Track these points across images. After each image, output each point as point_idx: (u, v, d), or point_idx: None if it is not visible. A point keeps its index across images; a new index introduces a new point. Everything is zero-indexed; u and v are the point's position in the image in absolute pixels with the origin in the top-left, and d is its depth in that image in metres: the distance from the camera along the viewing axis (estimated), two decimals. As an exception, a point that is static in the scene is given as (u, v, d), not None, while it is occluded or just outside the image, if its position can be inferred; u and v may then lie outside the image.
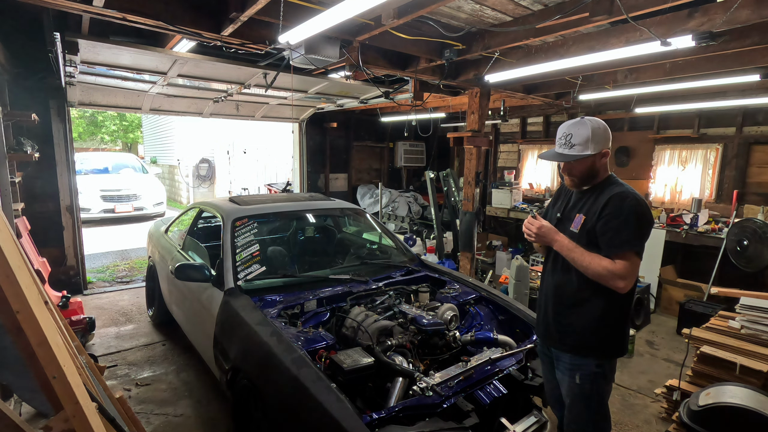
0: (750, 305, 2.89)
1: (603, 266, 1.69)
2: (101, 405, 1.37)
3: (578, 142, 1.77)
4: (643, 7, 2.60)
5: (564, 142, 1.80)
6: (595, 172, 1.83)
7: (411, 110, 6.79)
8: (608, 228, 1.71)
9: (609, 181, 1.85)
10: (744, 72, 4.02)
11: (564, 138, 1.81)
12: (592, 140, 1.75)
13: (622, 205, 1.72)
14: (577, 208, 1.86)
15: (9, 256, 1.06)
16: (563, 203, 1.99)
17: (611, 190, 1.79)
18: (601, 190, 1.82)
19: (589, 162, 1.80)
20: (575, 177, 1.85)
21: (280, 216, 3.65)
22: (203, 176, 13.19)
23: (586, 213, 1.80)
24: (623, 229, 1.69)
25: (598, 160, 1.80)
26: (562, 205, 1.98)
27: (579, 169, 1.82)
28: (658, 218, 5.48)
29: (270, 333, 2.17)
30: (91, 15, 2.90)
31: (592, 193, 1.85)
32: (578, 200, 1.90)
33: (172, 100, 6.73)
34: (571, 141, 1.78)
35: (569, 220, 1.87)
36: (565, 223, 1.89)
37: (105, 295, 5.24)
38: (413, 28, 3.40)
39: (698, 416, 2.23)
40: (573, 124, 1.80)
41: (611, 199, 1.75)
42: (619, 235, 1.70)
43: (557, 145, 1.84)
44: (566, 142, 1.79)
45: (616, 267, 1.68)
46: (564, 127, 1.83)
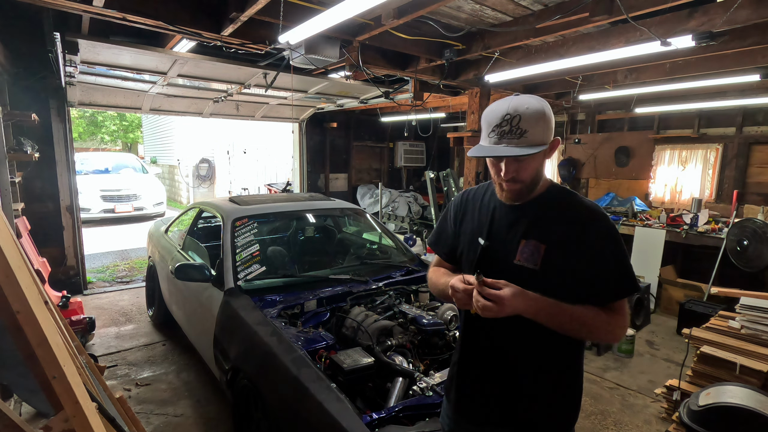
0: (750, 305, 2.88)
1: (609, 322, 1.17)
2: (101, 405, 1.37)
3: (531, 127, 1.13)
4: (643, 7, 2.61)
5: (509, 130, 1.14)
6: (542, 174, 1.26)
7: (411, 110, 6.79)
8: (602, 264, 1.18)
9: (556, 188, 1.29)
10: (744, 72, 4.02)
11: (508, 123, 1.14)
12: (548, 124, 1.16)
13: (606, 229, 1.20)
14: (519, 231, 1.24)
15: (9, 256, 1.06)
16: (481, 221, 1.34)
17: (572, 202, 1.26)
18: (551, 202, 1.26)
19: (541, 158, 1.21)
20: (523, 183, 1.21)
21: (280, 216, 3.64)
22: (203, 176, 13.19)
23: (545, 239, 1.21)
24: (625, 264, 1.20)
25: (548, 153, 1.22)
26: (480, 225, 1.34)
27: (530, 171, 1.20)
28: (659, 218, 5.49)
29: (270, 333, 2.17)
30: (91, 15, 2.91)
31: (537, 208, 1.25)
32: (515, 218, 1.27)
33: (172, 100, 6.73)
34: (521, 126, 1.13)
35: (506, 249, 1.26)
36: (499, 253, 1.27)
37: (105, 295, 5.23)
38: (413, 28, 3.40)
39: (698, 416, 2.23)
40: (517, 101, 1.15)
41: (591, 218, 1.21)
42: (622, 272, 1.19)
43: (495, 135, 1.17)
44: (513, 129, 1.14)
45: (623, 318, 1.20)
46: (503, 106, 1.16)
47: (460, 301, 1.19)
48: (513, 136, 1.14)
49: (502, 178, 1.21)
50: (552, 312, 1.14)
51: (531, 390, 1.28)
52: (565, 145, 7.27)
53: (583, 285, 1.18)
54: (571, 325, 1.16)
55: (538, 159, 1.20)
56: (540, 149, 1.15)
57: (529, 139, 1.13)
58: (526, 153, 1.13)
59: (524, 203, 1.27)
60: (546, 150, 1.18)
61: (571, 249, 1.19)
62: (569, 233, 1.20)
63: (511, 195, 1.24)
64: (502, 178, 1.21)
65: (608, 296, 1.19)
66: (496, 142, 1.16)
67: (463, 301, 1.18)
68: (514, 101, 1.15)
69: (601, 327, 1.17)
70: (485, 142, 1.21)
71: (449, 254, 1.47)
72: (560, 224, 1.22)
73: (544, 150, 1.17)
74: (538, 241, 1.21)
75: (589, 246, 1.18)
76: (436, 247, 1.54)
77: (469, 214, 1.41)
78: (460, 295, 1.19)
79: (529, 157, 1.16)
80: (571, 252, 1.19)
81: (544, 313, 1.14)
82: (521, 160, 1.18)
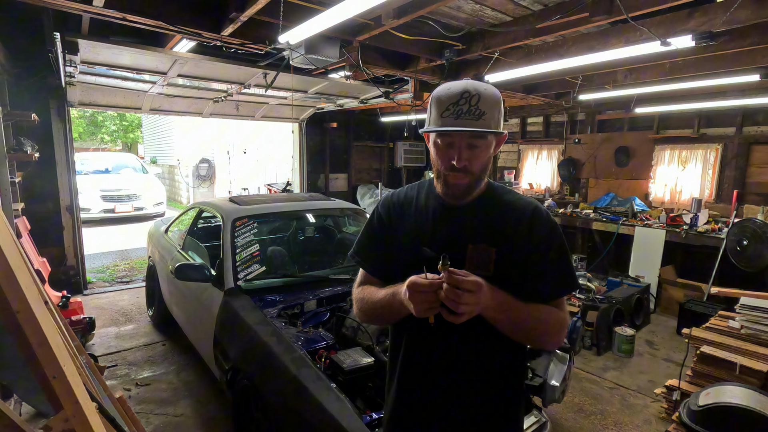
0: (750, 305, 2.88)
1: (559, 319, 1.13)
2: (101, 405, 1.37)
3: (489, 110, 1.05)
4: (643, 7, 2.61)
5: (467, 110, 1.04)
6: (488, 170, 1.17)
7: (411, 110, 6.79)
8: (548, 261, 1.14)
9: (493, 186, 1.22)
10: (744, 72, 4.02)
11: (467, 102, 1.04)
12: (501, 112, 1.11)
13: (551, 225, 1.16)
14: (465, 235, 1.15)
15: (9, 256, 1.06)
16: (420, 227, 1.21)
17: (513, 200, 1.20)
18: (492, 201, 1.18)
19: (491, 150, 1.13)
20: (473, 176, 1.12)
21: (280, 216, 3.65)
22: (203, 176, 13.19)
23: (494, 242, 1.12)
24: (566, 260, 1.17)
25: (495, 149, 1.15)
26: (419, 231, 1.20)
27: (482, 162, 1.11)
28: (658, 218, 5.49)
29: (270, 333, 2.18)
30: (91, 15, 2.91)
31: (480, 208, 1.17)
32: (458, 220, 1.17)
33: (172, 100, 6.72)
34: (480, 107, 1.04)
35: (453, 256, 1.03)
36: None
37: (105, 295, 5.23)
38: (413, 28, 3.40)
39: (698, 416, 2.23)
40: (474, 82, 1.08)
41: (534, 215, 1.16)
42: (566, 269, 1.16)
43: (451, 115, 1.06)
44: (471, 108, 1.04)
45: (566, 315, 1.17)
46: (460, 84, 1.07)
47: (423, 303, 0.99)
48: (471, 117, 1.04)
49: (450, 169, 1.09)
50: (513, 307, 1.07)
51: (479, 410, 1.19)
52: (565, 145, 7.27)
53: (530, 284, 1.13)
54: (530, 323, 1.10)
55: (489, 149, 1.12)
56: (498, 134, 1.09)
57: (488, 122, 1.05)
58: (488, 131, 1.06)
59: (466, 203, 1.18)
60: (498, 140, 1.13)
61: (520, 249, 1.13)
62: (517, 233, 1.14)
63: (458, 190, 1.13)
64: (450, 169, 1.09)
65: (553, 293, 1.15)
66: (452, 123, 1.05)
67: (426, 303, 0.99)
68: (470, 82, 1.08)
69: (554, 325, 1.12)
70: (437, 124, 1.08)
71: (378, 268, 1.27)
72: (506, 225, 1.15)
73: (497, 138, 1.12)
74: (487, 244, 1.12)
75: (537, 244, 1.14)
76: (361, 259, 1.30)
77: (403, 220, 1.24)
78: (422, 296, 0.99)
79: (483, 144, 1.08)
80: (520, 252, 1.13)
81: (507, 309, 1.06)
82: (476, 147, 1.08)
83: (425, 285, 0.99)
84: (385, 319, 1.24)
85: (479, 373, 1.18)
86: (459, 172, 1.10)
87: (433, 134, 1.12)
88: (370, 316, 1.25)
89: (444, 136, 1.09)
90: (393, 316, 1.17)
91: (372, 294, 1.21)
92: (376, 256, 1.28)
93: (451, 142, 1.09)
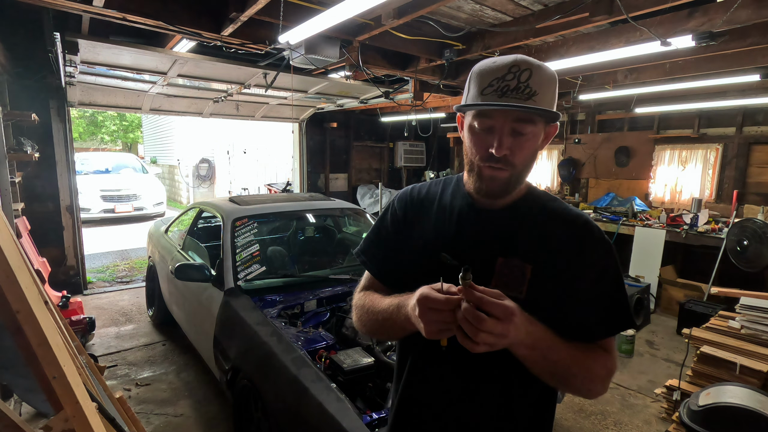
0: (750, 305, 2.88)
1: (607, 366, 0.90)
2: (101, 405, 1.37)
3: (542, 90, 0.84)
4: (643, 7, 2.61)
5: (515, 86, 0.84)
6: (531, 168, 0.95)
7: (411, 110, 6.79)
8: (599, 290, 0.91)
9: (535, 191, 1.01)
10: (744, 72, 4.02)
11: (515, 77, 0.84)
12: (555, 96, 0.90)
13: (606, 245, 0.94)
14: (496, 246, 0.94)
15: (9, 256, 1.06)
16: (441, 230, 1.01)
17: (559, 210, 0.98)
18: (533, 208, 0.97)
19: (538, 142, 0.91)
20: (514, 171, 0.90)
21: (280, 216, 3.65)
22: (203, 176, 13.19)
23: (530, 258, 0.91)
24: (622, 290, 0.94)
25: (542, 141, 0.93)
26: (440, 235, 1.00)
27: (526, 155, 0.90)
28: (659, 218, 5.49)
29: (270, 333, 2.17)
30: (91, 15, 2.91)
31: (517, 215, 0.96)
32: (489, 227, 0.96)
33: (172, 100, 6.72)
34: (531, 84, 0.84)
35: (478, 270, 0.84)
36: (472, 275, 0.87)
37: (105, 295, 5.23)
38: (413, 28, 3.40)
39: (698, 416, 2.23)
40: (524, 57, 0.86)
41: (585, 230, 0.94)
42: (620, 301, 0.93)
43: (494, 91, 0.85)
44: (520, 85, 0.84)
45: (615, 360, 0.93)
46: (508, 58, 0.86)
47: (435, 322, 0.79)
48: (519, 95, 0.83)
49: (487, 159, 0.88)
50: (551, 346, 0.83)
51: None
52: (565, 145, 7.27)
53: (573, 316, 0.90)
54: (570, 368, 0.86)
55: (537, 139, 0.90)
56: (550, 120, 0.89)
57: (538, 104, 0.84)
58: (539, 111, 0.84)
59: (500, 208, 0.96)
60: (548, 131, 0.92)
61: (564, 271, 0.91)
62: (562, 250, 0.92)
63: (494, 185, 0.91)
64: (487, 159, 0.88)
65: (601, 331, 0.92)
66: (498, 97, 0.85)
67: (439, 324, 0.78)
68: (521, 56, 0.87)
69: (600, 373, 0.89)
70: (476, 100, 0.87)
71: (387, 272, 1.08)
72: (549, 238, 0.93)
73: (548, 129, 0.91)
74: (521, 260, 0.91)
75: (587, 267, 0.91)
76: (367, 259, 1.11)
77: (421, 220, 1.04)
78: (436, 314, 0.78)
79: (531, 132, 0.87)
80: (563, 274, 0.91)
81: (543, 347, 0.82)
82: (521, 133, 0.87)
83: (440, 301, 0.77)
84: (386, 333, 1.03)
85: (498, 419, 0.94)
86: (498, 162, 0.88)
87: (468, 115, 0.91)
88: (369, 328, 1.04)
89: (483, 117, 0.88)
90: (396, 332, 0.97)
91: (374, 302, 1.02)
92: (385, 258, 1.09)
93: (491, 126, 0.87)
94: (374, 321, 1.01)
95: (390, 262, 1.08)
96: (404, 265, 1.05)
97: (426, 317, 0.79)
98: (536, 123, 0.87)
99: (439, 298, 0.78)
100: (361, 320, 1.06)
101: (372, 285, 1.11)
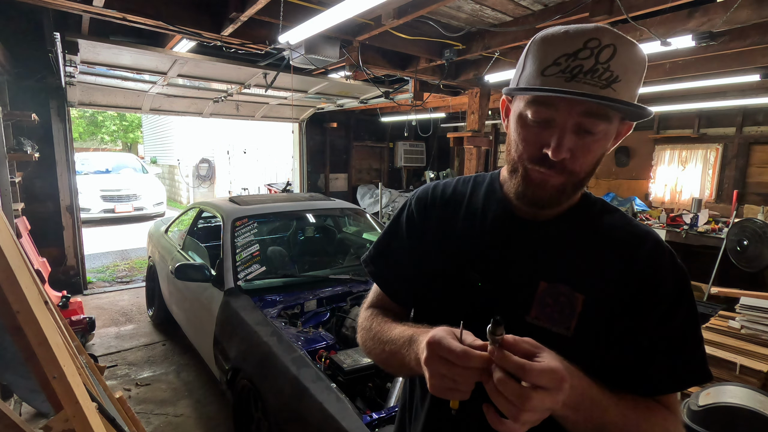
0: (750, 305, 2.89)
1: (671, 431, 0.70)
2: (101, 405, 1.37)
3: (626, 76, 0.64)
4: (643, 7, 2.61)
5: (592, 67, 0.62)
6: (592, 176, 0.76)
7: (411, 110, 6.79)
8: (670, 331, 0.71)
9: (591, 199, 0.84)
10: (744, 72, 4.02)
11: (592, 55, 0.62)
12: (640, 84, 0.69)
13: (681, 273, 0.73)
14: (539, 267, 0.76)
15: (9, 256, 1.06)
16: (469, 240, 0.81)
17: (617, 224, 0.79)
18: (589, 223, 0.79)
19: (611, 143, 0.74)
20: (574, 178, 0.71)
21: (280, 216, 3.65)
22: (203, 176, 13.20)
23: (582, 285, 0.73)
24: (698, 333, 0.73)
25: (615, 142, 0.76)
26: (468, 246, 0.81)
27: (592, 160, 0.71)
28: (659, 218, 5.49)
29: (270, 333, 2.17)
30: (91, 15, 2.91)
31: (568, 230, 0.77)
32: (525, 241, 0.78)
33: (172, 100, 6.73)
34: (613, 68, 0.63)
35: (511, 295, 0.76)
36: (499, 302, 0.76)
37: (105, 295, 5.23)
38: (413, 28, 3.40)
39: (698, 416, 2.23)
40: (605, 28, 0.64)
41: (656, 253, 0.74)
42: (695, 347, 0.73)
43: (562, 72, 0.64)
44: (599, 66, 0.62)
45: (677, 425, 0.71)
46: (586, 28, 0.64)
47: (445, 378, 0.59)
48: (596, 81, 0.62)
49: (539, 161, 0.68)
50: (597, 403, 0.63)
51: None
52: (565, 145, 7.28)
53: (630, 363, 0.71)
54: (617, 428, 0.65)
55: (608, 140, 0.71)
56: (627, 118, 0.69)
57: (619, 95, 0.64)
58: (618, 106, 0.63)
59: (546, 220, 0.77)
60: (621, 130, 0.73)
61: (626, 303, 0.71)
62: (623, 278, 0.72)
63: (543, 194, 0.71)
64: (539, 161, 0.68)
65: (667, 383, 0.70)
66: (561, 86, 0.63)
67: (450, 381, 0.59)
68: (602, 25, 0.65)
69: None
70: (534, 81, 0.66)
71: (399, 289, 0.89)
72: (608, 261, 0.73)
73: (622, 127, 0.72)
74: (570, 287, 0.72)
75: (655, 301, 0.70)
76: (376, 270, 0.92)
77: (445, 227, 0.84)
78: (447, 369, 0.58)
79: (603, 131, 0.67)
80: (623, 310, 0.71)
81: (587, 405, 0.62)
82: (590, 133, 0.66)
83: (456, 354, 0.57)
84: (393, 368, 0.82)
85: None
86: (553, 168, 0.68)
87: (519, 101, 0.70)
88: (376, 358, 0.85)
89: (540, 105, 0.66)
90: (404, 371, 0.77)
91: (383, 328, 0.83)
92: (397, 270, 0.89)
93: (550, 118, 0.66)
94: (381, 351, 0.82)
95: (403, 276, 0.87)
96: (421, 282, 0.84)
97: (433, 367, 0.59)
98: (611, 119, 0.67)
99: (456, 349, 0.57)
100: (366, 346, 0.87)
101: (382, 302, 0.92)
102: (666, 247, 0.75)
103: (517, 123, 0.71)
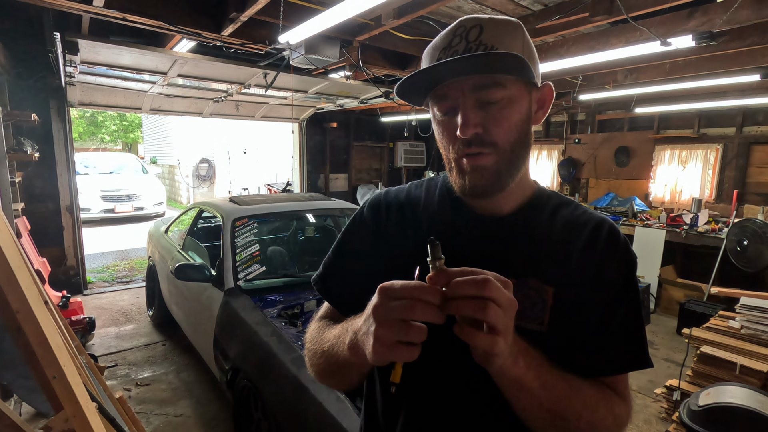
0: (750, 305, 2.89)
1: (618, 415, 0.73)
2: (101, 405, 1.37)
3: (502, 42, 0.67)
4: (643, 7, 2.61)
5: (465, 48, 0.67)
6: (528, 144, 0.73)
7: (411, 110, 6.79)
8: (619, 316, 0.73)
9: (545, 193, 0.83)
10: (744, 72, 4.02)
11: (462, 39, 0.68)
12: (529, 47, 0.71)
13: (632, 261, 0.75)
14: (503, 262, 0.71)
15: (9, 256, 1.06)
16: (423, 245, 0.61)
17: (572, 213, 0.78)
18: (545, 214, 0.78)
19: (525, 107, 0.70)
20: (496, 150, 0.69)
21: (280, 216, 3.65)
22: (203, 176, 13.20)
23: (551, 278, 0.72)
24: (641, 319, 0.75)
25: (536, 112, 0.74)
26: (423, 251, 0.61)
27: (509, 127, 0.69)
28: (659, 218, 5.49)
29: (270, 333, 2.17)
30: (91, 15, 2.91)
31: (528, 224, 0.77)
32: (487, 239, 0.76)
33: (172, 100, 6.73)
34: (485, 40, 0.66)
35: None
36: None
37: (105, 295, 5.23)
38: (413, 28, 3.40)
39: (698, 416, 2.23)
40: (467, 17, 0.70)
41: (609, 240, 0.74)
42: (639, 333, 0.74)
43: (443, 51, 0.69)
44: (470, 45, 0.67)
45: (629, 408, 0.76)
46: (451, 26, 0.71)
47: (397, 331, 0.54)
48: (466, 45, 0.67)
49: (461, 147, 0.69)
50: (551, 378, 0.64)
51: None
52: (565, 145, 7.27)
53: (585, 346, 0.72)
54: (574, 407, 0.66)
55: (517, 105, 0.69)
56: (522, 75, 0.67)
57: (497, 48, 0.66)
58: (494, 61, 0.64)
59: (504, 215, 0.76)
60: (533, 91, 0.71)
61: (589, 293, 0.72)
62: (584, 265, 0.72)
63: (480, 177, 0.69)
64: (461, 147, 0.69)
65: (616, 364, 0.73)
66: (447, 56, 0.68)
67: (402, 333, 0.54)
68: (476, 18, 0.69)
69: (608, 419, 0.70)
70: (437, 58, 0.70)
71: (351, 304, 0.75)
72: (569, 251, 0.73)
73: (529, 89, 0.70)
74: (539, 280, 0.72)
75: (608, 285, 0.72)
76: (325, 287, 0.88)
77: (402, 231, 0.81)
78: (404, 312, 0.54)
79: (502, 96, 0.67)
80: (587, 298, 0.72)
81: (543, 378, 0.63)
82: (491, 102, 0.66)
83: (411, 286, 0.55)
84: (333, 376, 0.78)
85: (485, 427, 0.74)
86: (471, 146, 0.68)
87: (432, 107, 0.73)
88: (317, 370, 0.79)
89: (441, 99, 0.70)
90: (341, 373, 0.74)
91: (323, 332, 0.79)
92: (349, 283, 0.83)
93: (452, 106, 0.69)
94: (321, 354, 0.76)
95: (355, 290, 0.77)
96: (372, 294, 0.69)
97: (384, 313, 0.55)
98: (507, 86, 0.67)
99: (409, 283, 0.55)
100: (309, 361, 0.81)
101: (333, 314, 0.86)
102: (620, 233, 0.77)
103: (436, 125, 0.74)
